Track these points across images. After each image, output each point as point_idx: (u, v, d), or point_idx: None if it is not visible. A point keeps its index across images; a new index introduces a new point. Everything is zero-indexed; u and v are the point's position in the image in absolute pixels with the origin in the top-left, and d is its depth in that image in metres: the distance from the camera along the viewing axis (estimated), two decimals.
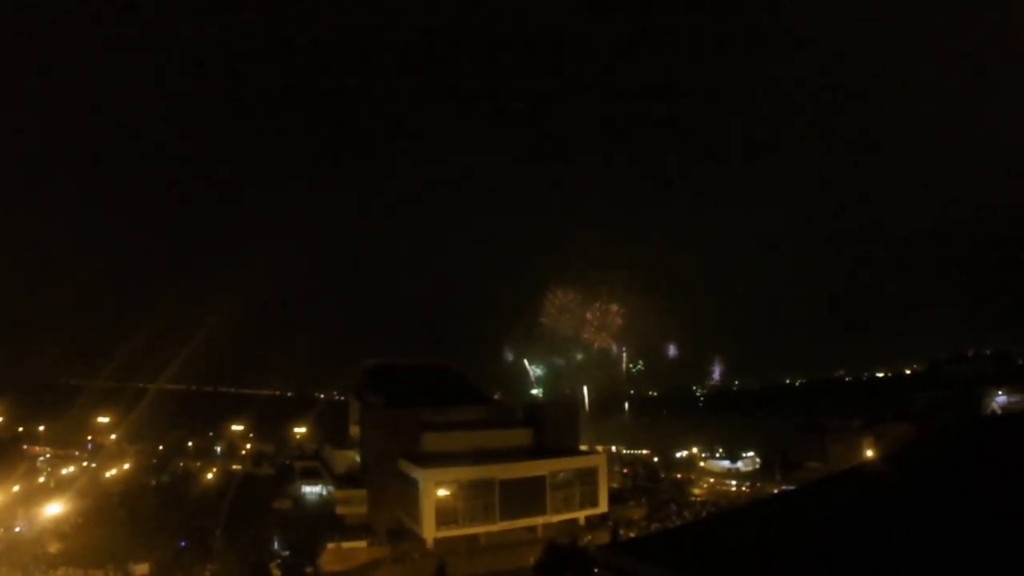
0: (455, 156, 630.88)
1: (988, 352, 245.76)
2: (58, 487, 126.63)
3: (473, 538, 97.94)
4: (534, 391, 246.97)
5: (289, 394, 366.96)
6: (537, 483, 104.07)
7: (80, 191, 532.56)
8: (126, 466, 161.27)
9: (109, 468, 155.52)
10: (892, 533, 16.48)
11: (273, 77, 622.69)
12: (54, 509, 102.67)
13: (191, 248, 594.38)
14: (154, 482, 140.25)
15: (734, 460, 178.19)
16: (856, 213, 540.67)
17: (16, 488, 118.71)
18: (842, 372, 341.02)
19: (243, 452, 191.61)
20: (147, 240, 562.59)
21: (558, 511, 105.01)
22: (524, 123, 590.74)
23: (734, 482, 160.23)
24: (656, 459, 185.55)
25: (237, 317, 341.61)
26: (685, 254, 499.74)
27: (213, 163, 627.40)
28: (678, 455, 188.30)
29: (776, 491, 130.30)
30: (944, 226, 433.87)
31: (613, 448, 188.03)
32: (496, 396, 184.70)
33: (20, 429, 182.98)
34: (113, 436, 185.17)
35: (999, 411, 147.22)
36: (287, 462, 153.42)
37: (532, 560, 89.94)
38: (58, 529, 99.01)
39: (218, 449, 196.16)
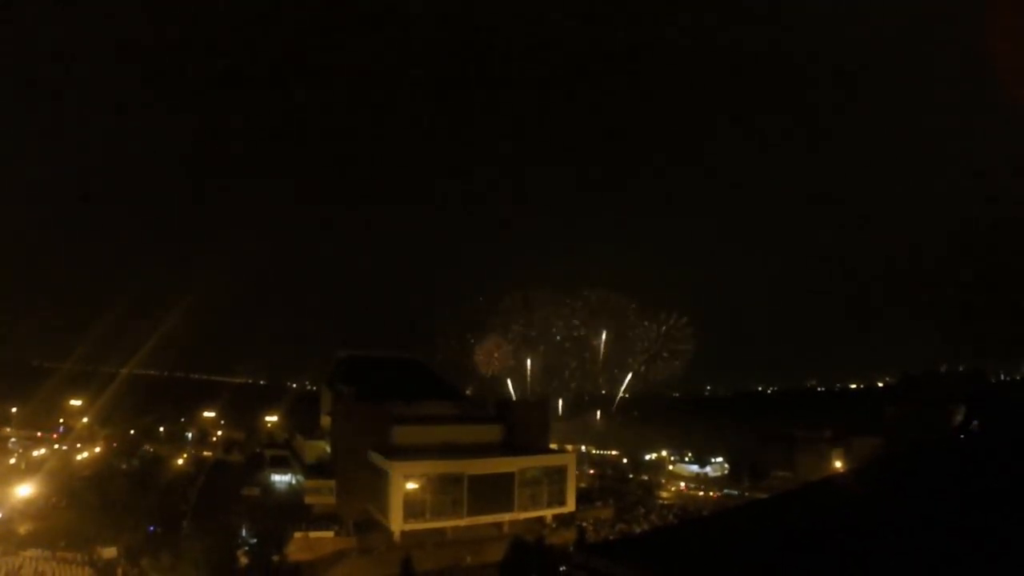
0: (440, 152, 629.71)
1: (961, 369, 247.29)
2: (29, 469, 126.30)
3: (440, 532, 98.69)
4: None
5: (261, 382, 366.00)
6: (506, 479, 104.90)
7: (54, 174, 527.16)
8: (97, 449, 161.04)
9: (80, 451, 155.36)
10: (862, 547, 17.15)
11: (258, 66, 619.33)
12: (25, 491, 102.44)
13: (166, 233, 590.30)
14: (124, 466, 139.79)
15: (703, 465, 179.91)
16: (837, 223, 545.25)
17: None
18: (814, 382, 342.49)
19: (214, 439, 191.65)
20: (121, 224, 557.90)
21: (525, 508, 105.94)
22: (512, 122, 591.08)
23: (702, 487, 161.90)
24: (625, 461, 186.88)
25: (211, 304, 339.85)
26: (664, 258, 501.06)
27: (190, 149, 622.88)
28: (647, 457, 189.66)
29: (744, 498, 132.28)
30: (925, 240, 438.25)
31: (583, 448, 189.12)
32: (468, 392, 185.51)
33: None
34: (84, 419, 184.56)
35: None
36: (258, 450, 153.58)
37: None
38: (28, 510, 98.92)
39: (189, 435, 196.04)
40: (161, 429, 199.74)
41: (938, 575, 15.25)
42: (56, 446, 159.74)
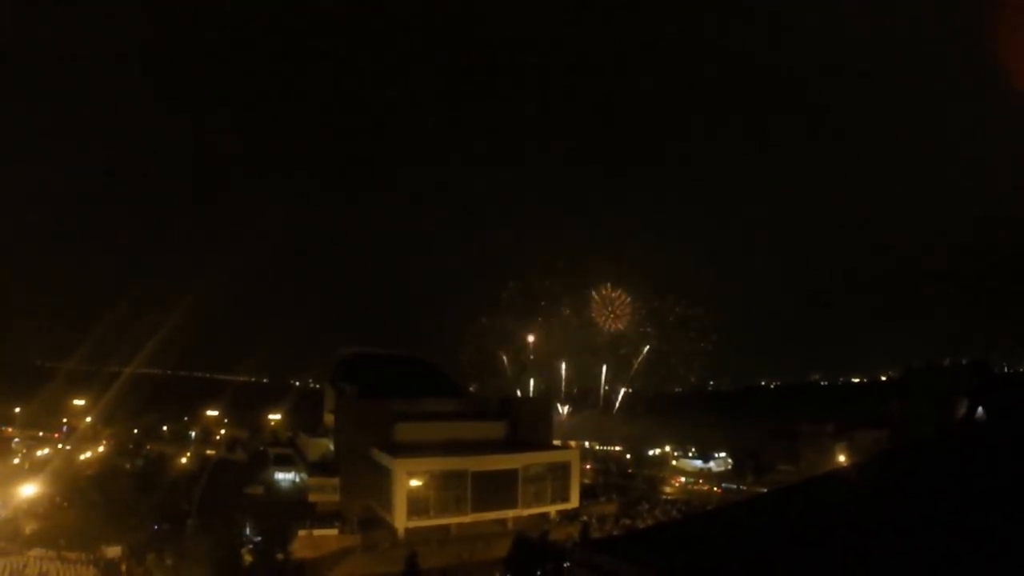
0: (441, 151, 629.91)
1: (964, 362, 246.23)
2: (33, 469, 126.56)
3: (444, 529, 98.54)
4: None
5: (264, 381, 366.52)
6: (509, 476, 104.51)
7: (55, 174, 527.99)
8: (100, 449, 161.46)
9: (83, 451, 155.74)
10: (864, 541, 17.04)
11: (260, 66, 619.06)
12: (29, 490, 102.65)
13: (166, 233, 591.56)
14: (128, 465, 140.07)
15: (706, 460, 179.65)
16: (841, 217, 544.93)
17: None
18: (817, 376, 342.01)
19: (217, 437, 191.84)
20: (121, 224, 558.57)
21: (529, 505, 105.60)
22: (513, 121, 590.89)
23: (705, 481, 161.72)
24: (628, 456, 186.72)
25: (212, 303, 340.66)
26: (664, 257, 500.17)
27: (192, 147, 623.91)
28: (650, 453, 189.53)
29: (746, 492, 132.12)
30: (928, 235, 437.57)
31: (586, 444, 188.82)
32: (471, 388, 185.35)
33: None
34: (88, 419, 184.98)
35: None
36: (261, 448, 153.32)
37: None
38: (33, 510, 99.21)
39: (192, 434, 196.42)
40: (164, 428, 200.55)
41: (940, 571, 15.21)
42: (60, 446, 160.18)
